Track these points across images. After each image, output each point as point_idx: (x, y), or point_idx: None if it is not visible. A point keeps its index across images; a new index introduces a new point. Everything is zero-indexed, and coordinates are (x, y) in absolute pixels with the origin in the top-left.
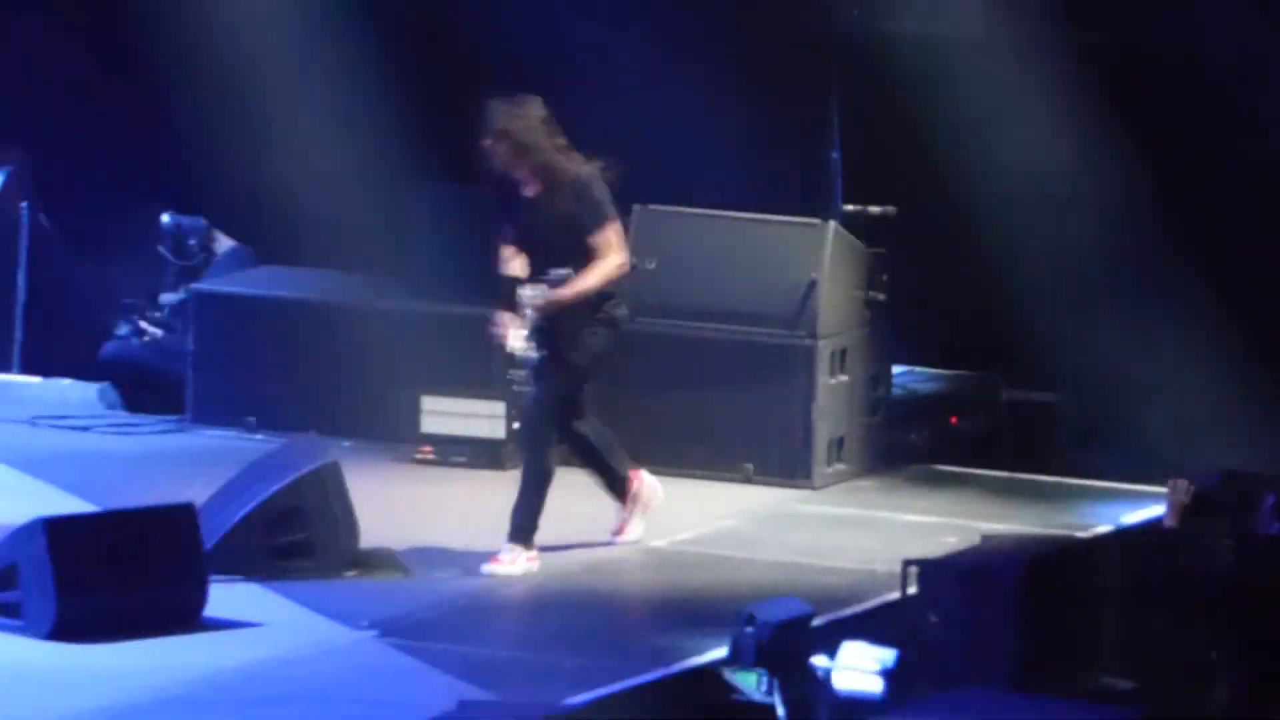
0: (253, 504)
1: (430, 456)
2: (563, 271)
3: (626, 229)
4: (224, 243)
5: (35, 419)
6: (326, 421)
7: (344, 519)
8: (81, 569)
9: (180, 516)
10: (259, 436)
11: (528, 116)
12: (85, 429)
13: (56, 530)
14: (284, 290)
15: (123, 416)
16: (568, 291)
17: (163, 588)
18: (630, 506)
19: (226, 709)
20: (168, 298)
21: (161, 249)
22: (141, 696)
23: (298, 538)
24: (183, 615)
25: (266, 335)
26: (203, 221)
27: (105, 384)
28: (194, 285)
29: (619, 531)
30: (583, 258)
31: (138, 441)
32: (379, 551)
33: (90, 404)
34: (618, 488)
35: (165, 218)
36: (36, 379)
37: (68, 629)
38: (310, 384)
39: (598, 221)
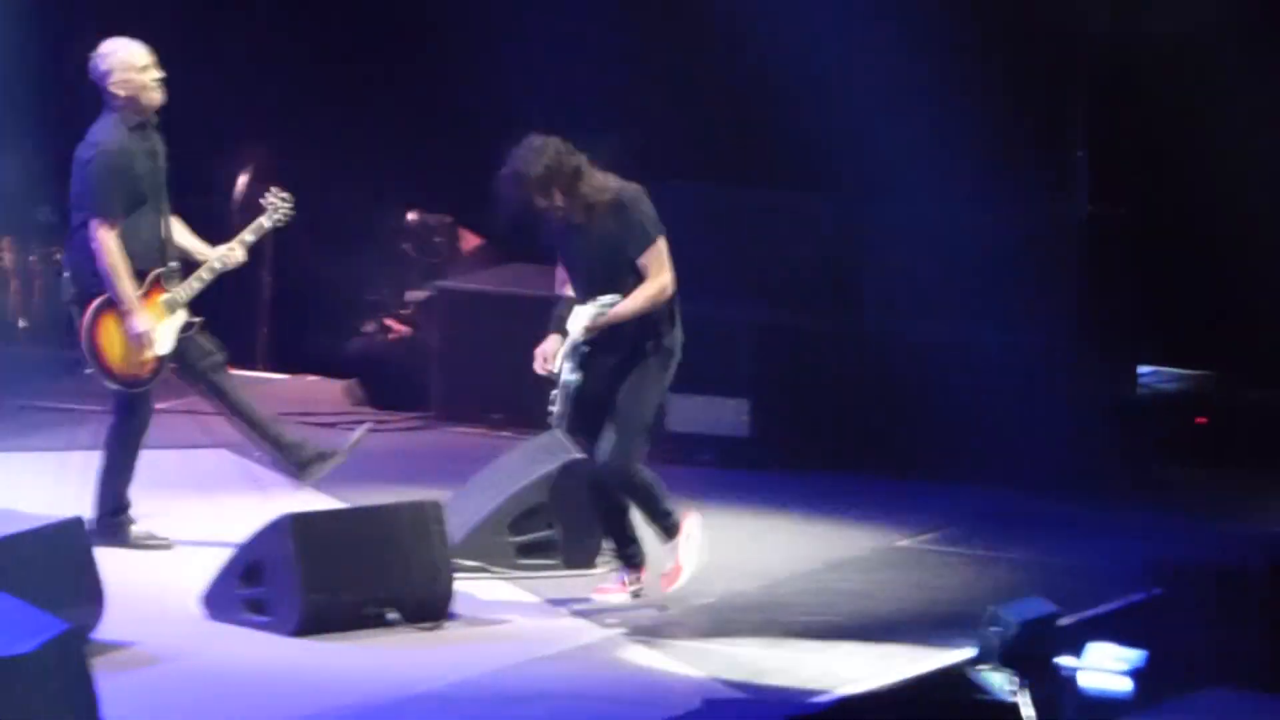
0: (498, 501)
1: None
2: (610, 299)
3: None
4: (469, 240)
5: (282, 415)
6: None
7: (588, 516)
8: (328, 566)
9: (426, 513)
10: (504, 433)
11: (543, 153)
12: (332, 425)
13: (303, 527)
14: (529, 287)
15: (370, 413)
16: (613, 314)
17: (409, 584)
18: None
19: (473, 706)
20: (413, 295)
21: (406, 246)
22: (387, 694)
23: (543, 535)
24: (428, 612)
25: (511, 332)
26: (448, 218)
27: (351, 380)
28: (439, 282)
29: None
30: (630, 280)
31: (385, 438)
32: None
33: (336, 400)
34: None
35: (411, 215)
36: (283, 376)
37: (313, 626)
38: (554, 382)
39: (641, 244)
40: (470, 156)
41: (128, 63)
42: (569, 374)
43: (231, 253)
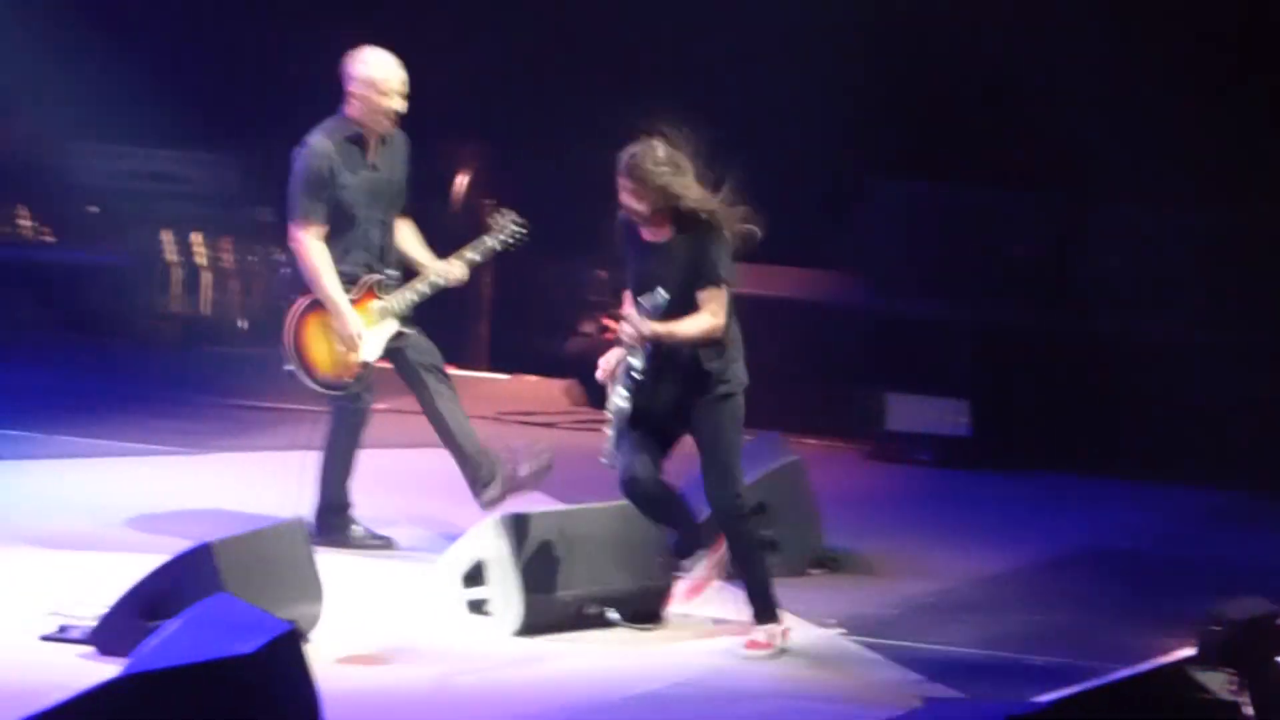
0: None
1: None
2: (661, 297)
3: None
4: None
5: (502, 415)
6: (791, 419)
7: (808, 516)
8: (546, 566)
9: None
10: None
11: (652, 157)
12: (552, 424)
13: (521, 527)
14: (749, 287)
15: (588, 413)
16: (668, 332)
17: (629, 583)
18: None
19: (693, 705)
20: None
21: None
22: (611, 691)
23: (763, 535)
24: (647, 611)
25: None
26: None
27: (570, 380)
28: None
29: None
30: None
31: (602, 438)
32: (844, 549)
33: (556, 400)
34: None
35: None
36: (504, 375)
37: (534, 625)
38: (775, 381)
39: (709, 278)
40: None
41: (372, 81)
42: (620, 400)
43: (451, 270)
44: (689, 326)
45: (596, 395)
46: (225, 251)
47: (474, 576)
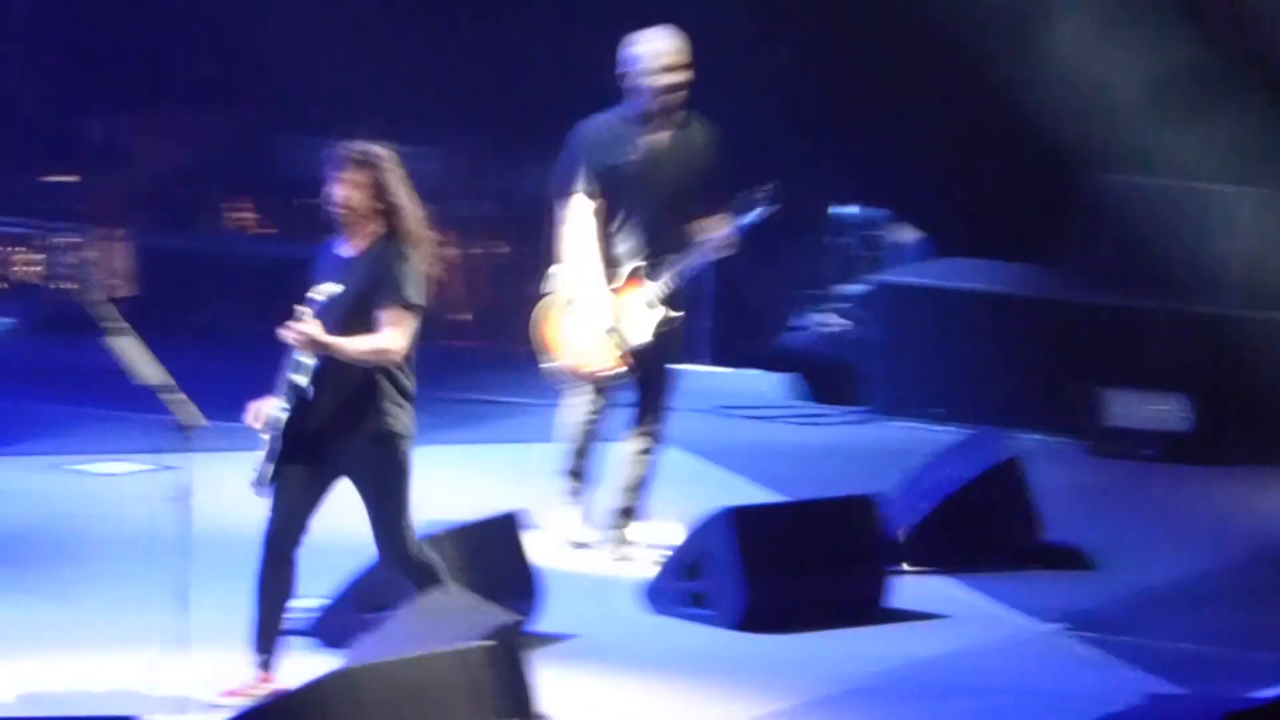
0: (938, 497)
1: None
2: (334, 289)
3: None
4: (907, 234)
5: (724, 409)
6: (1010, 414)
7: (1027, 512)
8: (769, 559)
9: (865, 508)
10: (945, 428)
11: (385, 154)
12: (771, 419)
13: (744, 520)
14: (969, 282)
15: (809, 407)
16: (333, 340)
17: (848, 578)
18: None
19: (914, 700)
20: (851, 289)
21: (846, 240)
22: (829, 687)
23: (982, 531)
24: (867, 606)
25: (949, 327)
26: (885, 213)
27: (793, 375)
28: (879, 276)
29: None
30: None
31: (824, 432)
32: (1064, 545)
33: (778, 395)
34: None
35: (850, 209)
36: (726, 369)
37: (755, 618)
38: (993, 376)
39: (396, 297)
40: (909, 150)
41: (641, 56)
42: (278, 409)
43: (708, 243)
44: (361, 343)
45: (817, 389)
46: (448, 245)
47: (694, 570)
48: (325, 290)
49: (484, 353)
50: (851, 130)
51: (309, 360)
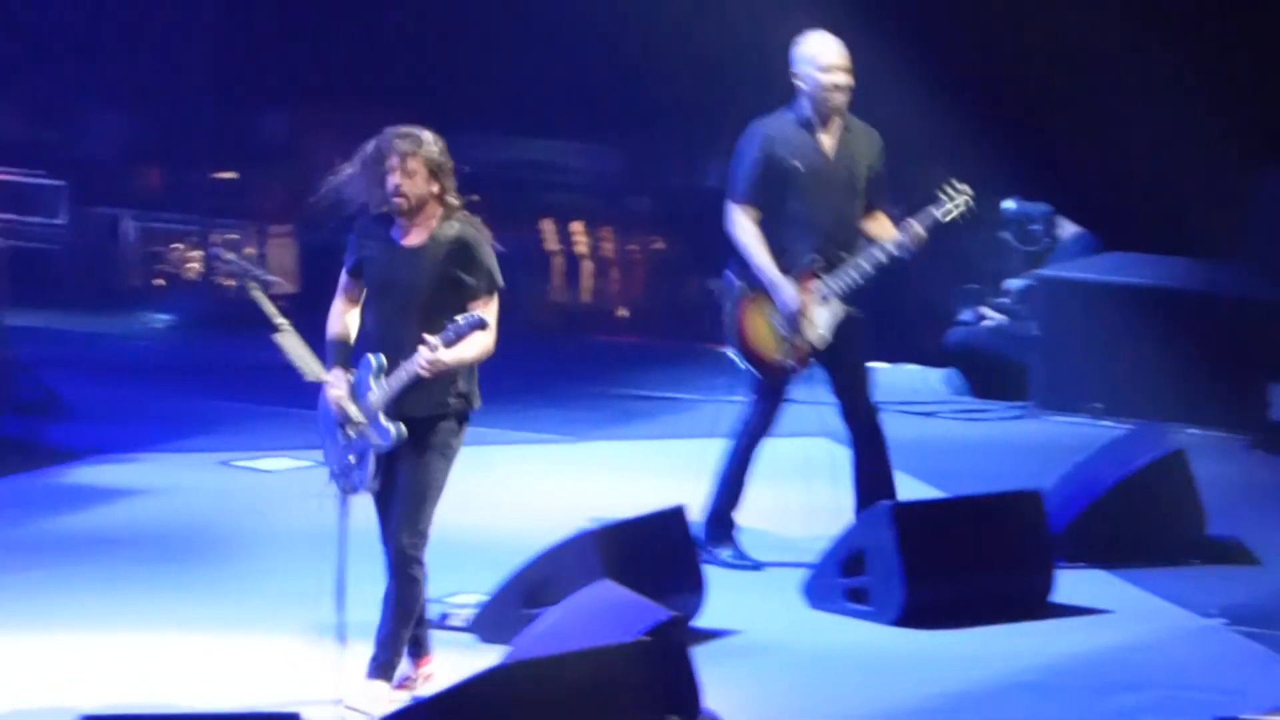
0: (1101, 491)
1: None
2: (475, 317)
3: None
4: (1068, 228)
5: (883, 405)
6: (1170, 409)
7: (1190, 507)
8: (929, 555)
9: (1027, 503)
10: (1105, 423)
11: (436, 141)
12: (931, 414)
13: (904, 516)
14: (1130, 277)
15: (969, 402)
16: (451, 356)
17: (1010, 574)
18: None
19: (1075, 695)
20: (1013, 283)
21: (1006, 235)
22: (990, 682)
23: (1144, 524)
24: (1029, 601)
25: (1113, 322)
26: (1047, 207)
27: (951, 369)
28: (1039, 271)
29: None
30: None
31: (984, 427)
32: (1226, 539)
33: (936, 390)
34: None
35: (1010, 204)
36: (884, 365)
37: (915, 614)
38: (1156, 371)
39: (489, 285)
40: (1067, 145)
41: (810, 57)
42: (372, 483)
43: (883, 249)
44: (474, 347)
45: (975, 384)
46: (605, 240)
47: (854, 565)
48: (468, 320)
49: (642, 348)
50: (1015, 124)
51: (383, 361)
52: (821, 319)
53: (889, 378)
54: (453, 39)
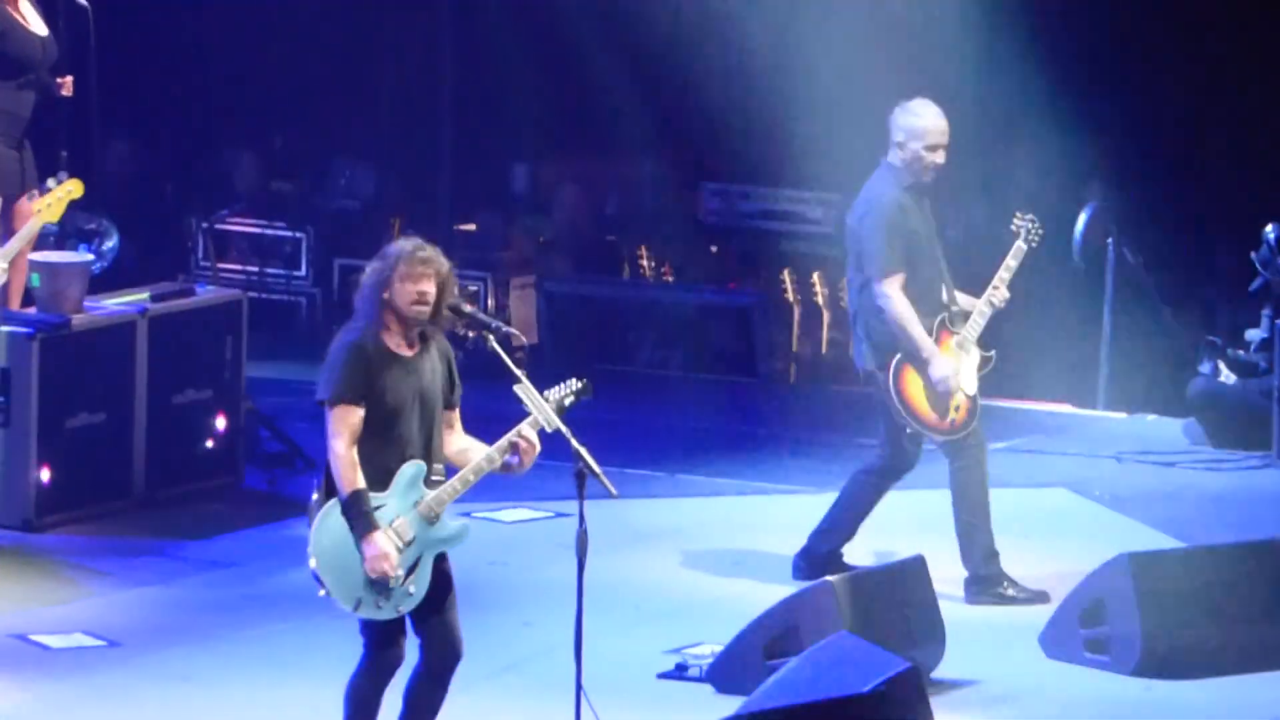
0: None
1: None
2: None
3: None
4: None
5: (1121, 455)
6: None
7: None
8: (1168, 605)
9: (1271, 553)
10: None
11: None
12: (1171, 464)
13: (1142, 565)
14: None
15: (1209, 452)
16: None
17: (1251, 624)
18: None
19: None
20: (1252, 334)
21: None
22: None
23: None
24: (1273, 653)
25: None
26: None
27: (1189, 419)
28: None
29: None
30: None
31: (1225, 477)
32: None
33: (1175, 439)
34: None
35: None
36: (1122, 414)
37: (1154, 665)
38: None
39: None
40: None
41: (920, 133)
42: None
43: (996, 291)
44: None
45: (1216, 434)
46: (844, 291)
47: (1093, 615)
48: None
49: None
50: (1255, 170)
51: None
52: (967, 370)
53: (1128, 428)
54: (691, 93)
